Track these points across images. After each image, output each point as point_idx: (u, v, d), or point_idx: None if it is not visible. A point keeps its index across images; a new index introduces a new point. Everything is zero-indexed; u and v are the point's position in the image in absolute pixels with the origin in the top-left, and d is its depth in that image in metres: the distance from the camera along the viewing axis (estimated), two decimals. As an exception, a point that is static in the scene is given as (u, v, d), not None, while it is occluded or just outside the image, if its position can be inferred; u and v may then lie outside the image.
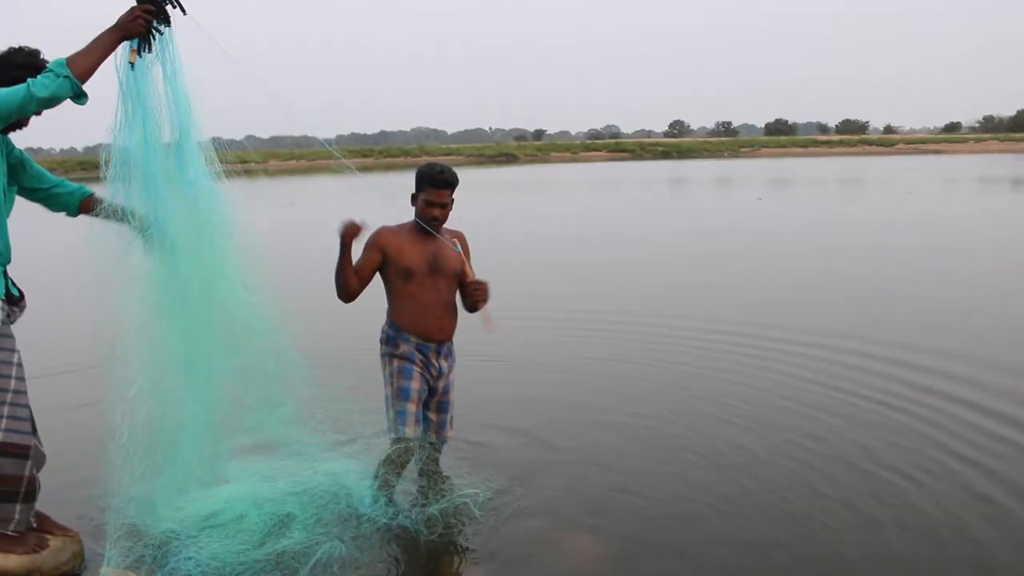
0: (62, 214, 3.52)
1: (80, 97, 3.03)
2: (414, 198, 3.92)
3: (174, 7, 3.27)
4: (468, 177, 4.02)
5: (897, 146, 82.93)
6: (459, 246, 3.97)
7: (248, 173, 3.68)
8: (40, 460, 3.35)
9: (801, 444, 4.80)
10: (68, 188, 3.48)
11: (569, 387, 6.02)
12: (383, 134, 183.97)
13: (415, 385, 3.89)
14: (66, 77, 2.93)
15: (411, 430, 3.84)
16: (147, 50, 3.24)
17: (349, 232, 3.73)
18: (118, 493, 3.67)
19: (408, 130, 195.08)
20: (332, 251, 3.70)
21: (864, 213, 19.97)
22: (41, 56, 3.25)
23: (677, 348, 6.98)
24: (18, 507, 3.21)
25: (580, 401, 5.68)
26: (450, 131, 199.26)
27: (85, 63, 2.99)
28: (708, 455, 4.67)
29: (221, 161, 3.52)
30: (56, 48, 3.16)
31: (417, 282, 3.87)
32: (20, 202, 3.43)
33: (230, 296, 3.56)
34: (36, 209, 3.53)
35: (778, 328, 7.57)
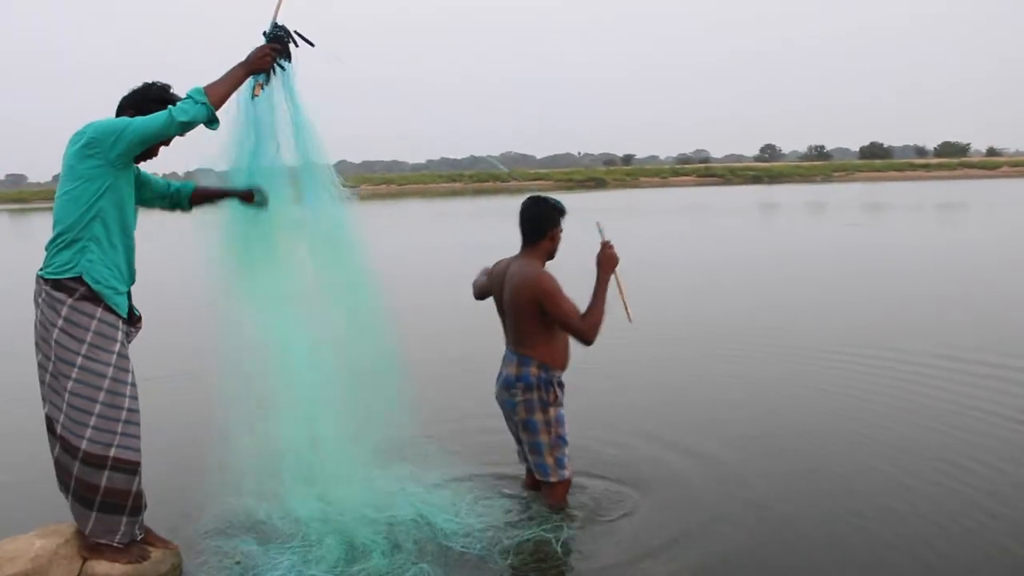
0: (177, 212, 3.82)
1: (212, 123, 3.34)
2: (553, 230, 4.10)
3: (297, 45, 3.63)
4: (564, 202, 4.08)
5: (1001, 169, 79.86)
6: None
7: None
8: None
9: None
10: (177, 187, 3.77)
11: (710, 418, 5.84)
12: (472, 158, 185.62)
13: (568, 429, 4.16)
14: (203, 104, 3.23)
15: (570, 471, 4.18)
16: (267, 83, 3.59)
17: (615, 255, 4.06)
18: (215, 504, 3.89)
19: (497, 155, 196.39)
20: (431, 276, 3.87)
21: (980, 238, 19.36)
22: (171, 90, 3.51)
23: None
24: (124, 520, 3.40)
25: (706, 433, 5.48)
26: (539, 156, 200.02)
27: (220, 91, 3.31)
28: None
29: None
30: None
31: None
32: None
33: (352, 317, 3.87)
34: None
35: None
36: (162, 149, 3.52)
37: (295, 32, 3.65)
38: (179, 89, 3.42)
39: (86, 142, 3.24)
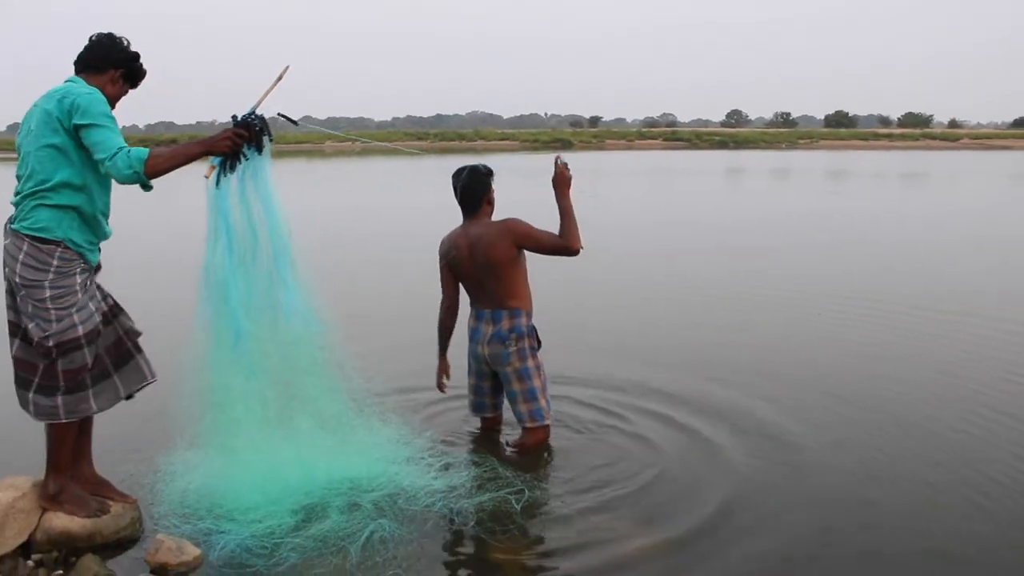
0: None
1: (146, 187, 3.30)
2: (486, 197, 4.40)
3: (271, 139, 3.52)
4: (530, 163, 4.07)
5: (962, 140, 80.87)
6: None
7: (307, 154, 3.78)
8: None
9: None
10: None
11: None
12: (439, 117, 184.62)
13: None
14: (135, 172, 3.16)
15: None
16: (229, 170, 3.46)
17: (568, 172, 4.36)
18: (175, 464, 3.87)
19: (464, 114, 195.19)
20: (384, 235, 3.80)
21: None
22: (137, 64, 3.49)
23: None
24: (89, 393, 3.42)
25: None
26: (505, 116, 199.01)
27: (162, 165, 3.21)
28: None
29: (281, 142, 3.67)
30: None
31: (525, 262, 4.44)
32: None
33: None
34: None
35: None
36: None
37: (280, 114, 3.58)
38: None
39: (70, 106, 3.18)
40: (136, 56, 3.47)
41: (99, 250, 3.47)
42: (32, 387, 3.33)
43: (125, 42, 3.46)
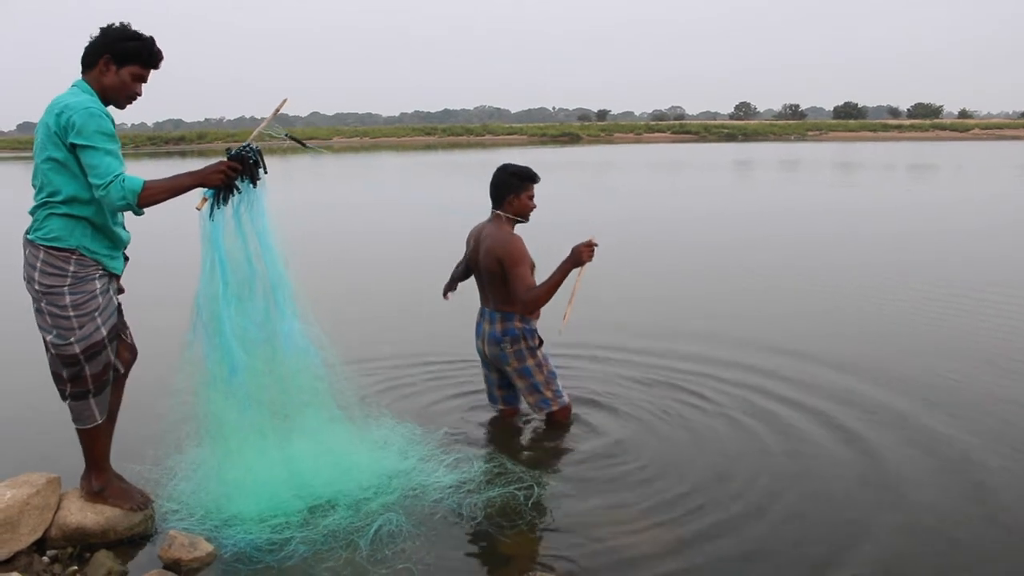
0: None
1: (136, 213, 3.29)
2: (512, 196, 4.40)
3: (266, 171, 3.52)
4: (537, 157, 4.08)
5: (973, 131, 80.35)
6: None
7: (314, 150, 3.76)
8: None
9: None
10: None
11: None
12: (447, 112, 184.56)
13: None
14: (128, 203, 3.15)
15: (567, 396, 4.70)
16: (222, 203, 3.45)
17: (589, 255, 4.30)
18: (185, 462, 3.91)
19: (472, 108, 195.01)
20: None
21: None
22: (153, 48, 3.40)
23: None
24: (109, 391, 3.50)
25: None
26: (513, 110, 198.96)
27: (154, 197, 3.20)
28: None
29: (289, 138, 3.68)
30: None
31: (534, 273, 4.39)
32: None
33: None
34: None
35: None
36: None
37: (289, 136, 3.61)
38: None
39: (66, 123, 3.15)
40: (122, 35, 3.29)
41: (124, 259, 3.50)
42: (66, 395, 3.40)
43: (116, 25, 3.31)
